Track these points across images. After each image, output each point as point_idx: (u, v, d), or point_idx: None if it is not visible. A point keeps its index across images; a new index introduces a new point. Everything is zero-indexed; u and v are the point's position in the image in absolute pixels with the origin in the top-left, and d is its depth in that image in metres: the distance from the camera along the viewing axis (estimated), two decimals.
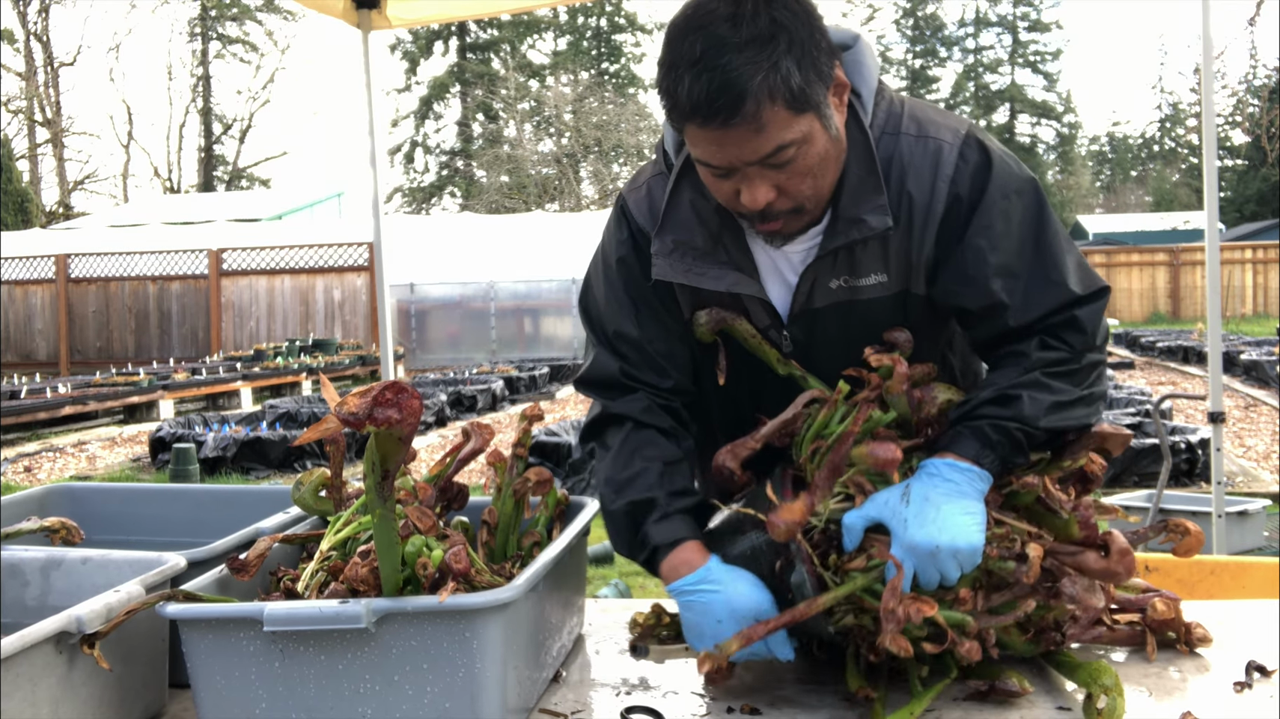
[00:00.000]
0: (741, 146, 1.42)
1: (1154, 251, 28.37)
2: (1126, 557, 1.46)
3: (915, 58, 54.26)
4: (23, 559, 1.56)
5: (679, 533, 1.56)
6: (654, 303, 1.68)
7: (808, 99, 1.41)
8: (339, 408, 1.19)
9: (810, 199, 1.50)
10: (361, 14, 3.94)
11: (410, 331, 20.47)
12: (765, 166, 1.44)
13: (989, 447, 1.46)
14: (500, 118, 43.67)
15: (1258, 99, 36.57)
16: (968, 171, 1.54)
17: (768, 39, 1.39)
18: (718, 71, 1.37)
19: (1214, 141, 3.94)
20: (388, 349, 4.31)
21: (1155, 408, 4.97)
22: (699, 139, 1.45)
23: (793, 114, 1.41)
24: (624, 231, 1.70)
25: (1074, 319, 1.55)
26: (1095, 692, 1.37)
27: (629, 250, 1.69)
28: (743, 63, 1.37)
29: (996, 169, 1.55)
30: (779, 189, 1.47)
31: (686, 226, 1.62)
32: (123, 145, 57.52)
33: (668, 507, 1.58)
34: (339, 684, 1.31)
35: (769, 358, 1.62)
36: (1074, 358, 1.54)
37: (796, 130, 1.42)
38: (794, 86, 1.39)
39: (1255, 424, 10.60)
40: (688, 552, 1.53)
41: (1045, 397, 1.49)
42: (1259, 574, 2.34)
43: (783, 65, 1.39)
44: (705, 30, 1.40)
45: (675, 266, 1.61)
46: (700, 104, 1.39)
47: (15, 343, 21.25)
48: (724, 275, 1.60)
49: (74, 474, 9.99)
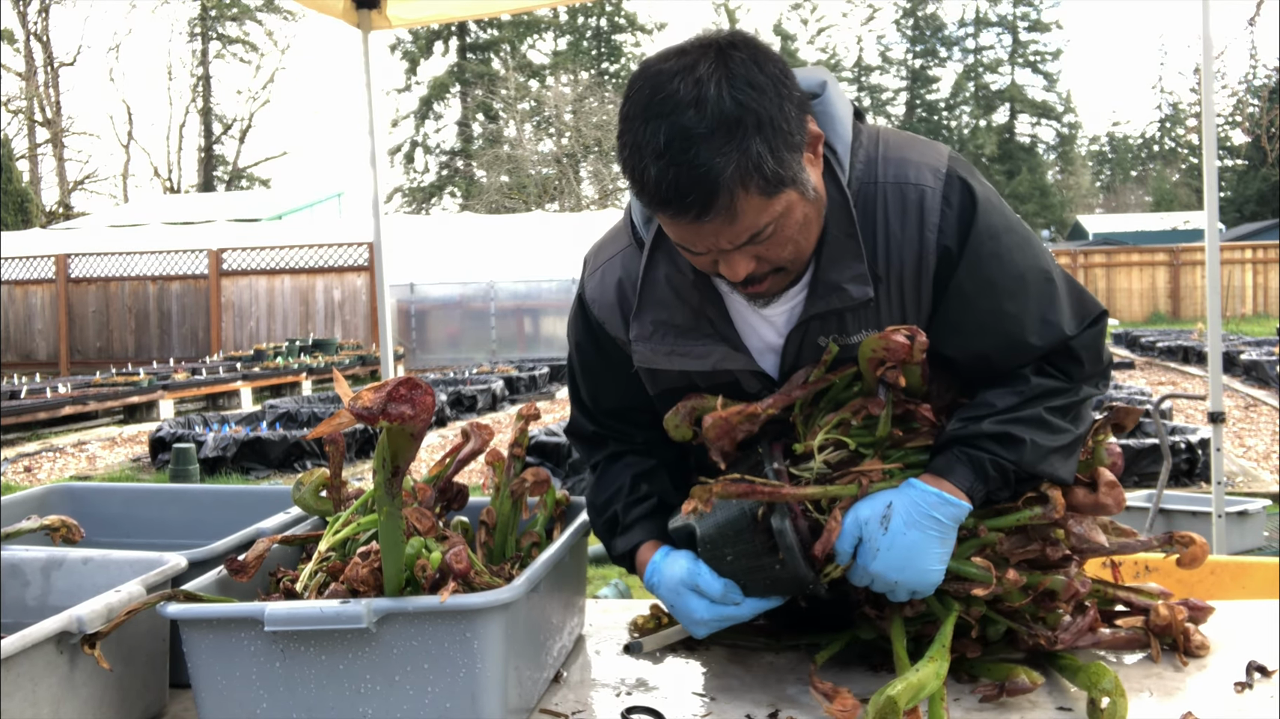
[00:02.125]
0: (718, 236, 1.37)
1: (1154, 251, 28.37)
2: (1115, 489, 1.50)
3: (915, 58, 54.25)
4: (23, 559, 1.56)
5: (635, 539, 1.66)
6: (610, 382, 1.72)
7: (782, 179, 1.35)
8: (353, 402, 1.18)
9: (792, 261, 1.46)
10: (361, 14, 3.94)
11: (410, 331, 20.48)
12: (744, 246, 1.39)
13: (983, 481, 1.46)
14: (500, 118, 43.67)
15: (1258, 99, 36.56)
16: (954, 217, 1.49)
17: (735, 123, 1.30)
18: (685, 167, 1.30)
19: (1214, 141, 3.94)
20: (388, 349, 4.31)
21: (1155, 408, 4.97)
22: (671, 227, 1.41)
23: (767, 198, 1.35)
24: (581, 318, 1.71)
25: (1069, 349, 1.54)
26: (1096, 695, 1.37)
27: (585, 337, 1.71)
28: (711, 154, 1.29)
29: (981, 210, 1.49)
30: (759, 258, 1.42)
31: (665, 304, 1.57)
32: (123, 145, 57.52)
33: (626, 518, 1.68)
34: (340, 684, 1.31)
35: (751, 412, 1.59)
36: (1072, 389, 1.53)
37: (772, 212, 1.37)
38: (767, 172, 1.32)
39: (1255, 424, 10.60)
40: (644, 552, 1.64)
41: (1047, 441, 1.48)
42: (1259, 574, 2.34)
43: (753, 150, 1.31)
44: (668, 118, 1.31)
45: (657, 350, 1.58)
46: (670, 199, 1.33)
47: (15, 343, 21.25)
48: (710, 352, 1.56)
49: (74, 474, 9.99)
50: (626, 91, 1.39)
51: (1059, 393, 1.52)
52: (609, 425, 1.76)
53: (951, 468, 1.46)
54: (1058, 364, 1.54)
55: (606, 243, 1.71)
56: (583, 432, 1.80)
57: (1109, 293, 27.40)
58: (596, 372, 1.72)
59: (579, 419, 1.81)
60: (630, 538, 1.66)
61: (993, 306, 1.51)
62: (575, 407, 1.82)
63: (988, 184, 1.55)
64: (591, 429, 1.78)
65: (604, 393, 1.74)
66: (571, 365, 1.79)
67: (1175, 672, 1.55)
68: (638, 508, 1.68)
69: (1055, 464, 1.49)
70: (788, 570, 1.46)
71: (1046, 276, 1.54)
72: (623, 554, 1.67)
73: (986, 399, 1.52)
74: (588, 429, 1.79)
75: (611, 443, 1.76)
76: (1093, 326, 1.56)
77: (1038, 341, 1.52)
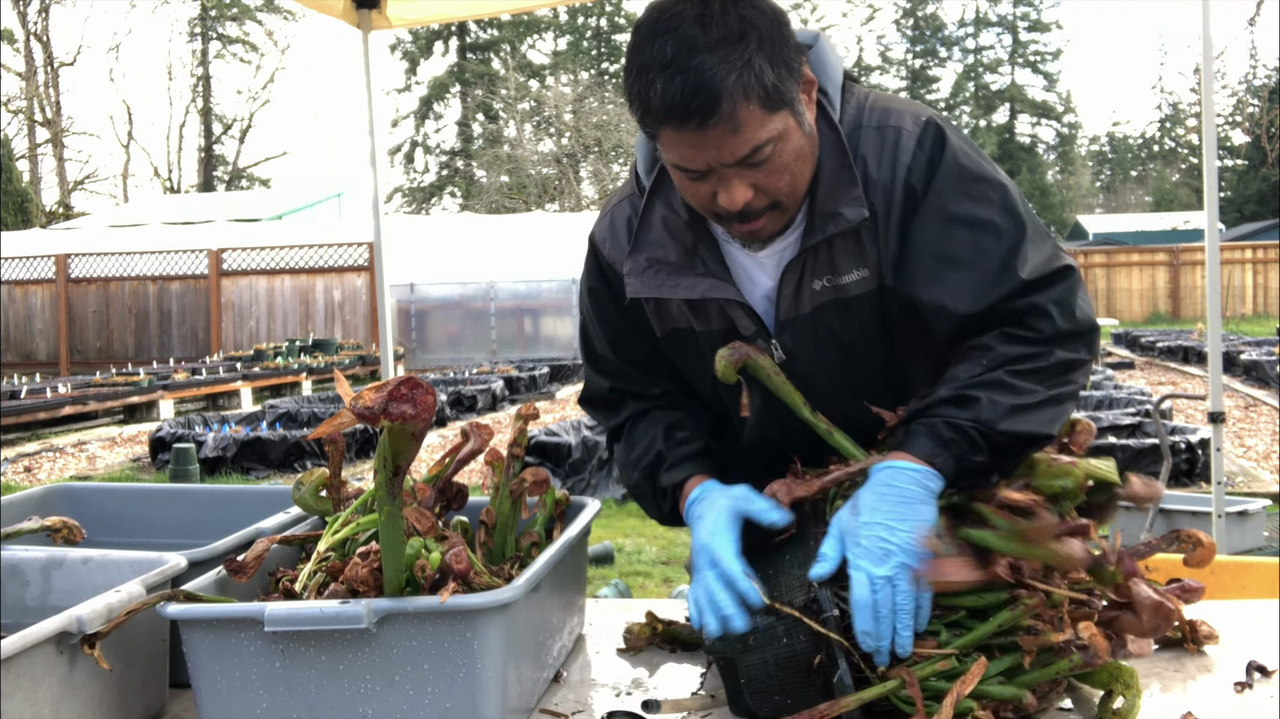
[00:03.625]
0: (719, 147, 1.40)
1: (1154, 251, 28.37)
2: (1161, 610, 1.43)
3: (915, 58, 54.25)
4: (23, 559, 1.56)
5: (686, 472, 1.63)
6: (626, 327, 1.72)
7: (781, 96, 1.41)
8: (354, 402, 1.18)
9: (787, 195, 1.48)
10: (361, 14, 3.95)
11: (410, 331, 20.48)
12: (742, 166, 1.43)
13: (943, 445, 1.41)
14: (500, 118, 43.67)
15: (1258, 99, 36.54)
16: (924, 159, 1.52)
17: (738, 37, 1.37)
18: (691, 72, 1.36)
19: (1214, 141, 3.94)
20: (388, 349, 4.31)
21: (1155, 408, 4.97)
22: (674, 142, 1.43)
23: (767, 112, 1.40)
24: (593, 263, 1.74)
25: (1034, 305, 1.48)
26: (1117, 689, 1.36)
27: (598, 281, 1.73)
28: (716, 62, 1.36)
29: (949, 158, 1.52)
30: (756, 188, 1.44)
31: (659, 244, 1.60)
32: (123, 145, 57.56)
33: (674, 455, 1.66)
34: (340, 684, 1.31)
35: (794, 401, 1.54)
36: (1042, 352, 1.47)
37: (772, 128, 1.41)
38: (767, 84, 1.38)
39: (1255, 424, 10.60)
40: (693, 481, 1.61)
41: (1006, 399, 1.43)
42: (1259, 574, 2.34)
43: (755, 63, 1.37)
44: (675, 32, 1.38)
45: (648, 283, 1.60)
46: (675, 106, 1.37)
47: (15, 343, 21.26)
48: (697, 284, 1.58)
49: (74, 474, 9.99)
50: (634, 26, 1.45)
51: (1027, 358, 1.46)
52: (626, 377, 1.75)
53: (907, 441, 1.44)
54: (1024, 322, 1.48)
55: (614, 194, 1.76)
56: (599, 393, 1.79)
57: (1109, 293, 27.41)
58: (610, 316, 1.72)
59: (594, 380, 1.79)
60: (679, 471, 1.64)
61: (949, 248, 1.50)
62: (590, 366, 1.80)
63: (969, 140, 1.58)
64: (608, 387, 1.77)
65: (620, 339, 1.73)
66: (585, 320, 1.79)
67: (1175, 671, 1.55)
68: (683, 447, 1.66)
69: (1022, 421, 1.42)
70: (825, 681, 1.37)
71: (1013, 227, 1.50)
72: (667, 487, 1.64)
73: (950, 374, 1.49)
74: (603, 388, 1.77)
75: (630, 401, 1.75)
76: (1059, 282, 1.50)
77: (992, 288, 1.48)
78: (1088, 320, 1.52)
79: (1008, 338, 1.48)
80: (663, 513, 1.67)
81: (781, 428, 1.62)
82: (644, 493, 1.70)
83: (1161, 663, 1.58)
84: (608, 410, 1.78)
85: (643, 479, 1.69)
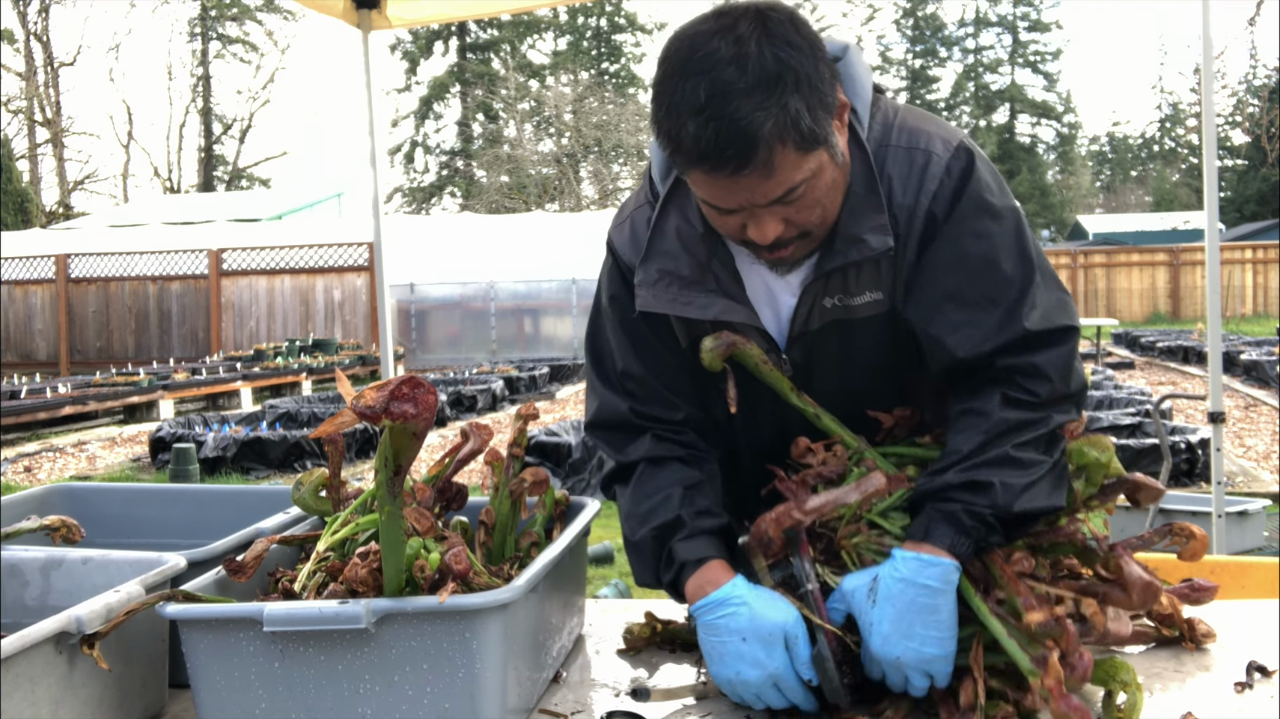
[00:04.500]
0: (753, 191, 1.37)
1: (1154, 251, 28.36)
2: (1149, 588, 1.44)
3: (915, 58, 54.25)
4: (23, 559, 1.55)
5: (706, 551, 1.52)
6: (650, 338, 1.65)
7: (816, 137, 1.37)
8: (356, 401, 1.18)
9: (818, 225, 1.46)
10: (361, 14, 3.94)
11: (410, 332, 20.48)
12: (775, 204, 1.40)
13: (964, 533, 1.40)
14: (500, 118, 43.66)
15: (1258, 99, 36.55)
16: (950, 187, 1.49)
17: (775, 80, 1.32)
18: (725, 120, 1.31)
19: (1214, 141, 3.94)
20: (388, 349, 4.31)
21: (1155, 408, 4.97)
22: (705, 183, 1.40)
23: (802, 154, 1.36)
24: (613, 269, 1.68)
25: (1034, 366, 1.46)
26: (1115, 688, 1.36)
27: (619, 288, 1.66)
28: (752, 109, 1.31)
29: (975, 186, 1.49)
30: (787, 221, 1.43)
31: (672, 255, 1.57)
32: (123, 145, 57.54)
33: (694, 526, 1.55)
34: (339, 684, 1.31)
35: (781, 387, 1.56)
36: (1040, 418, 1.45)
37: (806, 169, 1.38)
38: (804, 128, 1.34)
39: (1255, 424, 10.60)
40: (713, 570, 1.49)
41: (1017, 479, 1.41)
42: (1259, 574, 2.34)
43: (791, 106, 1.33)
44: (708, 74, 1.33)
45: (660, 296, 1.56)
46: (709, 153, 1.34)
47: (15, 343, 21.25)
48: (711, 303, 1.55)
49: (74, 474, 9.99)
50: (662, 55, 1.40)
51: (1027, 425, 1.44)
52: (647, 396, 1.64)
53: (928, 530, 1.41)
54: (1021, 384, 1.46)
55: (630, 199, 1.72)
56: (614, 416, 1.67)
57: (1109, 293, 27.41)
58: (634, 323, 1.64)
59: (611, 400, 1.67)
60: (699, 546, 1.52)
61: (958, 285, 1.49)
62: (607, 385, 1.69)
63: (992, 167, 1.55)
64: (626, 407, 1.65)
65: (644, 348, 1.65)
66: (601, 333, 1.71)
67: (1175, 670, 1.55)
68: (704, 519, 1.56)
69: (1034, 498, 1.43)
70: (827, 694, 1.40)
71: (1023, 273, 1.49)
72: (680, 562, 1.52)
73: (952, 445, 1.47)
74: (621, 409, 1.66)
75: (649, 436, 1.64)
76: (1061, 343, 1.49)
77: (996, 333, 1.47)
78: (1081, 383, 1.52)
79: (1006, 401, 1.46)
80: (659, 580, 1.57)
81: (775, 423, 1.62)
82: (644, 554, 1.59)
83: (1161, 663, 1.58)
84: (623, 439, 1.66)
85: (649, 539, 1.57)
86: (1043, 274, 1.52)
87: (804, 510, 1.42)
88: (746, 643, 1.39)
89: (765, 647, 1.39)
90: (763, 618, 1.40)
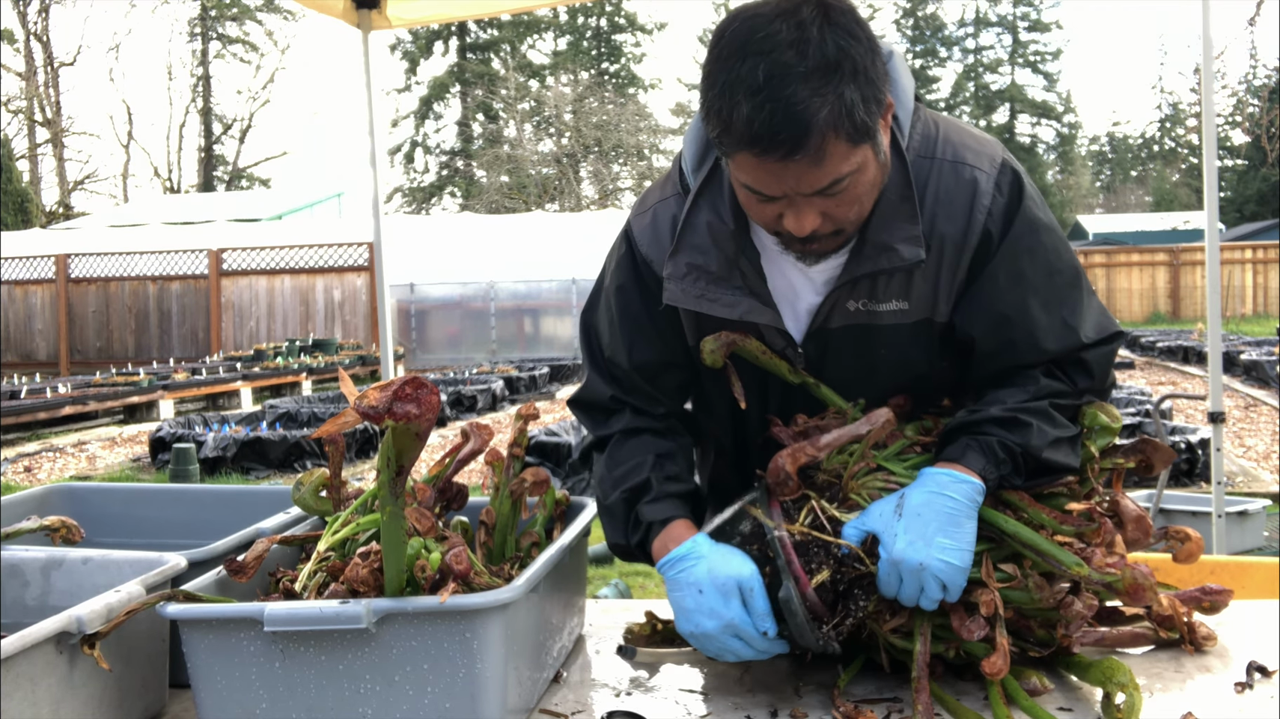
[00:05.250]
0: (799, 179, 1.36)
1: (1154, 251, 28.37)
2: (1142, 522, 1.51)
3: (915, 58, 54.23)
4: (23, 559, 1.55)
5: (670, 512, 1.59)
6: (650, 330, 1.66)
7: (868, 130, 1.36)
8: (359, 402, 1.18)
9: (853, 223, 1.47)
10: (361, 14, 3.95)
11: (410, 331, 20.48)
12: (817, 195, 1.39)
13: (994, 463, 1.46)
14: (500, 118, 43.68)
15: (1258, 99, 36.55)
16: (1002, 204, 1.52)
17: (833, 67, 1.32)
18: (782, 103, 1.30)
19: (1214, 141, 3.94)
20: (388, 349, 4.31)
21: (1155, 408, 4.97)
22: (751, 167, 1.39)
23: (852, 146, 1.36)
24: (627, 258, 1.68)
25: (1082, 361, 1.56)
26: (1112, 689, 1.36)
27: (629, 277, 1.67)
28: (808, 94, 1.30)
29: (1027, 204, 1.54)
30: (826, 215, 1.42)
31: (702, 250, 1.57)
32: (123, 145, 57.57)
33: (661, 489, 1.61)
34: (339, 684, 1.31)
35: (780, 369, 1.61)
36: (1076, 395, 1.55)
37: (854, 161, 1.38)
38: (857, 119, 1.34)
39: (1255, 424, 10.60)
40: (677, 529, 1.56)
41: (1051, 430, 1.49)
42: (1259, 574, 2.34)
43: (847, 96, 1.32)
44: (768, 56, 1.31)
45: (688, 291, 1.57)
46: (761, 135, 1.32)
47: (15, 343, 21.26)
48: (738, 303, 1.56)
49: (74, 474, 9.99)
50: (716, 36, 1.39)
51: (1063, 394, 1.54)
52: (631, 388, 1.69)
53: (962, 453, 1.47)
54: (1068, 371, 1.56)
55: (653, 189, 1.71)
56: (598, 397, 1.72)
57: (1109, 293, 27.40)
58: (636, 315, 1.67)
59: (596, 382, 1.73)
60: (664, 508, 1.59)
61: (1019, 299, 1.53)
62: (594, 368, 1.73)
63: (1034, 184, 1.59)
64: (609, 393, 1.71)
65: (639, 342, 1.67)
66: (603, 318, 1.72)
67: (1175, 671, 1.55)
68: (671, 484, 1.62)
69: (1061, 453, 1.50)
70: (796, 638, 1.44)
71: (1075, 282, 1.57)
72: (647, 522, 1.59)
73: (996, 396, 1.55)
74: (604, 393, 1.71)
75: (629, 413, 1.69)
76: (1109, 343, 1.58)
77: (1054, 344, 1.54)
78: (1113, 382, 1.63)
79: (1050, 374, 1.55)
80: (629, 543, 1.63)
81: (784, 417, 1.64)
82: (616, 516, 1.65)
83: (1161, 663, 1.58)
84: (599, 417, 1.73)
85: (620, 502, 1.64)
86: (1084, 281, 1.60)
87: (818, 446, 1.48)
88: (704, 594, 1.44)
89: (722, 597, 1.43)
90: (719, 570, 1.44)
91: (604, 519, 1.69)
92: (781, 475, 1.46)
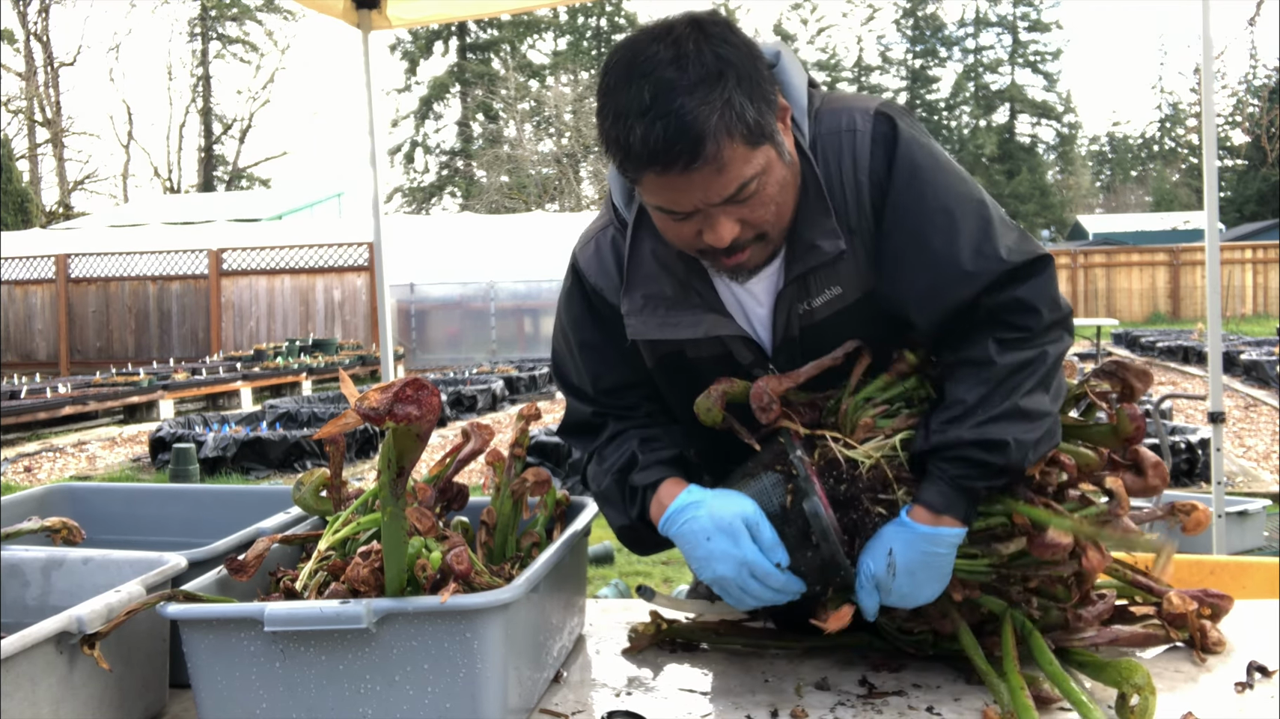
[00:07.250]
0: (705, 189, 1.39)
1: (1154, 251, 28.36)
2: (1160, 468, 1.55)
3: (915, 58, 54.25)
4: (23, 559, 1.56)
5: (659, 474, 1.60)
6: (612, 356, 1.68)
7: (763, 130, 1.39)
8: (359, 403, 1.19)
9: (773, 225, 1.47)
10: (361, 14, 3.94)
11: (410, 332, 20.47)
12: (728, 204, 1.41)
13: (975, 500, 1.47)
14: (500, 118, 43.67)
15: (1258, 99, 36.58)
16: (881, 154, 1.51)
17: (716, 77, 1.35)
18: (671, 117, 1.33)
19: (1214, 141, 3.94)
20: (388, 349, 4.31)
21: (1155, 408, 4.98)
22: (657, 186, 1.41)
23: (750, 148, 1.39)
24: (576, 289, 1.69)
25: (1019, 300, 1.48)
26: (1128, 691, 1.36)
27: (581, 308, 1.69)
28: (696, 104, 1.34)
29: (902, 145, 1.51)
30: (743, 222, 1.44)
31: (653, 278, 1.59)
32: (123, 145, 57.60)
33: (647, 459, 1.62)
34: (340, 684, 1.31)
35: None
36: (1037, 354, 1.48)
37: (756, 164, 1.40)
38: (749, 121, 1.37)
39: (1255, 424, 10.60)
40: (669, 486, 1.58)
41: (1029, 434, 1.45)
42: (1259, 574, 2.34)
43: (735, 101, 1.36)
44: (651, 76, 1.35)
45: (648, 322, 1.58)
46: (658, 151, 1.35)
47: (15, 343, 21.25)
48: (699, 321, 1.57)
49: (74, 474, 9.99)
50: (603, 68, 1.43)
51: (1026, 366, 1.47)
52: (610, 404, 1.71)
53: (946, 502, 1.46)
54: (1014, 320, 1.48)
55: (594, 223, 1.73)
56: (579, 418, 1.74)
57: (1109, 293, 27.41)
58: (595, 346, 1.69)
59: (575, 407, 1.75)
60: (651, 473, 1.60)
61: (921, 240, 1.50)
62: (570, 395, 1.76)
63: (920, 127, 1.56)
64: (590, 412, 1.72)
65: (604, 369, 1.69)
66: (564, 350, 1.74)
67: (1175, 671, 1.55)
68: (659, 453, 1.63)
69: (1044, 445, 1.48)
70: (822, 555, 1.45)
71: (977, 211, 1.51)
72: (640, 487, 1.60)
73: (955, 395, 1.49)
74: (585, 413, 1.73)
75: (612, 422, 1.71)
76: (1040, 272, 1.51)
77: (972, 267, 1.48)
78: (1067, 307, 1.56)
79: (1001, 345, 1.48)
80: (630, 518, 1.63)
81: None
82: (612, 497, 1.66)
83: (1162, 663, 1.58)
84: (587, 436, 1.74)
85: (613, 483, 1.65)
86: (991, 209, 1.53)
87: (795, 377, 1.53)
88: (712, 540, 1.46)
89: (730, 538, 1.45)
90: (720, 513, 1.47)
91: (604, 508, 1.70)
92: (765, 399, 1.50)
